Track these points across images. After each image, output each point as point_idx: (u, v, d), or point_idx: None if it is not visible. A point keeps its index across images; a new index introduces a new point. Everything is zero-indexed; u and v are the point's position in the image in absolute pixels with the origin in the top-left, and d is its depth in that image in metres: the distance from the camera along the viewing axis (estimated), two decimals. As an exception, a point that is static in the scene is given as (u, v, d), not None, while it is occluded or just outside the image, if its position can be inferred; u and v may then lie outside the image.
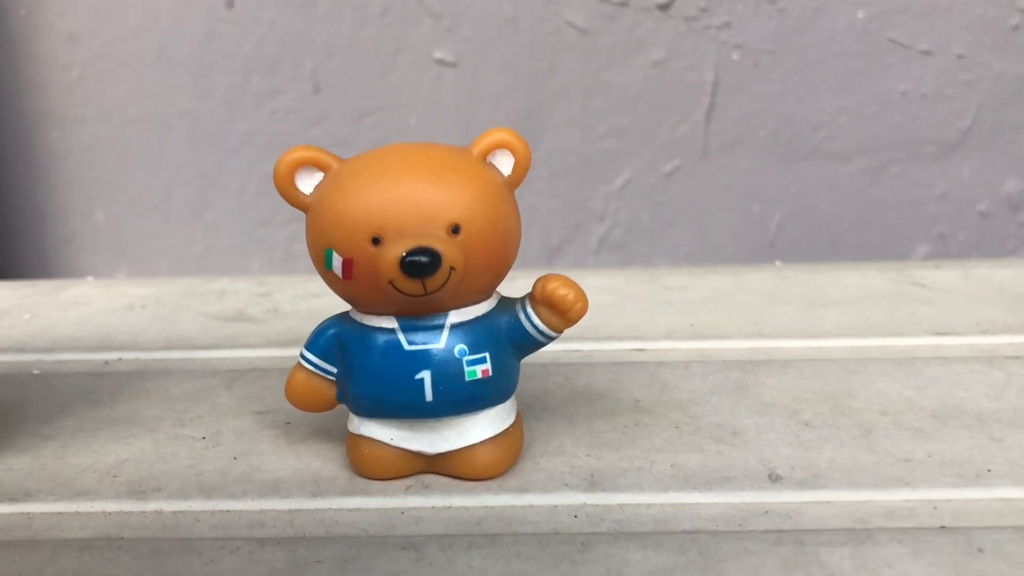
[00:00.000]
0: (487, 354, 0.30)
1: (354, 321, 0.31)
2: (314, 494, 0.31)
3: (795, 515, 0.30)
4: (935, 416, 0.35)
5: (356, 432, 0.32)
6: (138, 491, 0.31)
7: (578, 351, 0.41)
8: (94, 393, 0.38)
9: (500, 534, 0.29)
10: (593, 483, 0.31)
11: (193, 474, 0.32)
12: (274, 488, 0.32)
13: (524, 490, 0.31)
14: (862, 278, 0.48)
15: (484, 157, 0.30)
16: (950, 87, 0.60)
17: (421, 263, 0.28)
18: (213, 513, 0.30)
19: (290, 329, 0.44)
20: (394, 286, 0.28)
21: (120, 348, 0.42)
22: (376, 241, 0.28)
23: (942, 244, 0.63)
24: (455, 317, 0.30)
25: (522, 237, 0.31)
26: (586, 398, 0.37)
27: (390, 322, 0.30)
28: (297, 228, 0.63)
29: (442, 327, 0.30)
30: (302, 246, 0.63)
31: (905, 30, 0.59)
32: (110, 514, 0.30)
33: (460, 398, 0.30)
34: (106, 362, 0.41)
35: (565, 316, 0.31)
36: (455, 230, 0.29)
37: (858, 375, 0.38)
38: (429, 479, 0.32)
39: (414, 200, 0.28)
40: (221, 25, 0.60)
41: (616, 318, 0.44)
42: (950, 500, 0.30)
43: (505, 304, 0.31)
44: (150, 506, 0.31)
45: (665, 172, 0.62)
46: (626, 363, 0.40)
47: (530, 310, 0.31)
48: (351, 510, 0.30)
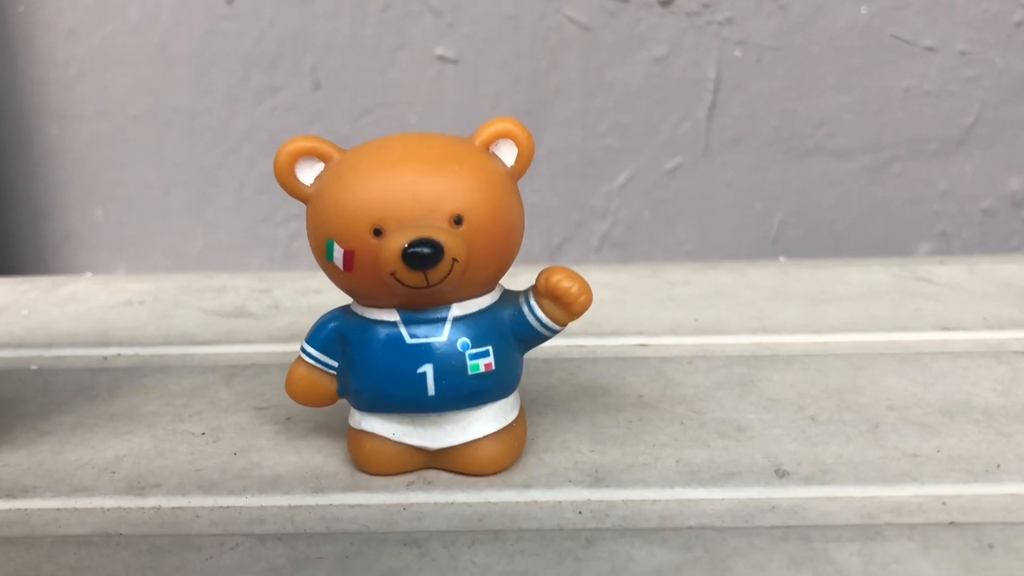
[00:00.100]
0: (490, 348, 0.30)
1: (355, 314, 0.31)
2: (315, 490, 0.31)
3: (802, 511, 0.29)
4: (942, 411, 0.35)
5: (357, 427, 0.31)
6: (137, 487, 0.31)
7: (581, 347, 0.41)
8: (92, 389, 0.38)
9: (503, 530, 0.29)
10: (597, 479, 0.31)
11: (192, 470, 0.32)
12: (274, 484, 0.31)
13: (528, 486, 0.31)
14: (866, 274, 0.48)
15: (487, 147, 0.30)
16: (953, 84, 0.60)
17: (423, 254, 0.27)
18: (212, 509, 0.30)
19: (290, 325, 0.43)
20: (396, 278, 0.28)
21: (119, 344, 0.42)
22: (378, 232, 0.28)
23: (945, 242, 0.63)
24: (457, 310, 0.30)
25: (524, 235, 0.31)
26: (590, 394, 0.37)
27: (392, 315, 0.30)
28: (297, 225, 0.63)
29: (444, 320, 0.30)
30: (302, 243, 0.62)
31: (908, 26, 0.59)
32: (108, 510, 0.30)
33: (463, 392, 0.30)
34: (104, 358, 0.41)
35: (569, 309, 0.30)
36: (457, 221, 0.28)
37: (864, 370, 0.38)
38: (431, 475, 0.31)
39: (416, 191, 0.28)
40: (221, 22, 0.60)
41: (619, 313, 0.44)
42: (959, 496, 0.30)
43: (508, 297, 0.31)
44: (149, 502, 0.30)
45: (667, 169, 0.62)
46: (629, 358, 0.39)
47: (533, 303, 0.31)
48: (352, 506, 0.30)
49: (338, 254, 0.29)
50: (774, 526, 0.28)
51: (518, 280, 0.33)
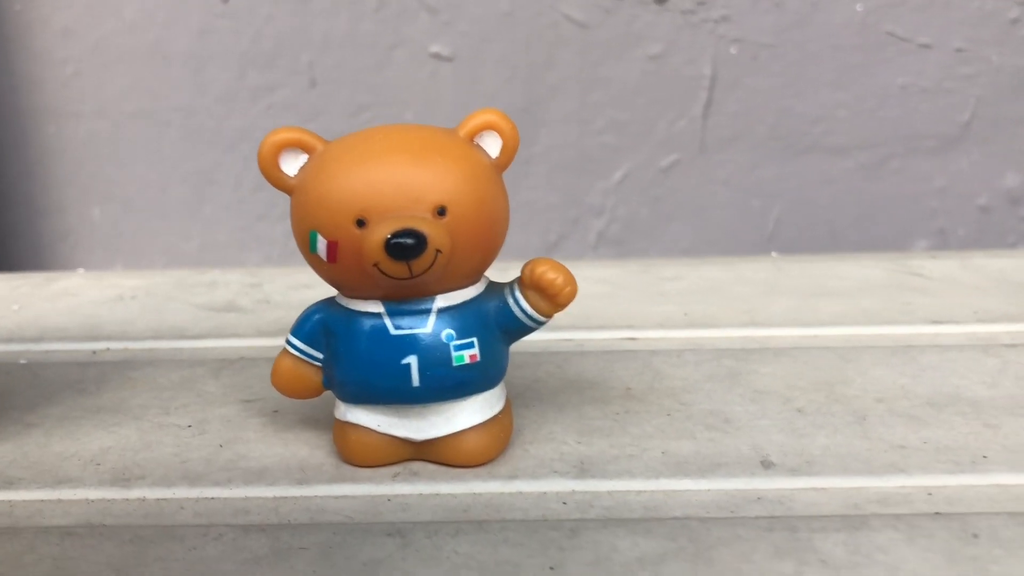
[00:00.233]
0: (475, 339, 0.30)
1: (340, 306, 0.30)
2: (300, 481, 0.31)
3: (788, 501, 0.29)
4: (930, 403, 0.34)
5: (343, 419, 0.31)
6: (121, 479, 0.31)
7: (570, 340, 0.41)
8: (80, 382, 0.38)
9: (487, 520, 0.28)
10: (583, 470, 0.31)
11: (178, 462, 0.32)
12: (259, 476, 0.31)
13: (513, 477, 0.31)
14: (859, 269, 0.48)
15: (471, 139, 0.30)
16: (949, 81, 0.60)
17: (406, 245, 0.27)
18: (197, 500, 0.30)
19: (280, 319, 0.43)
20: (379, 269, 0.28)
21: (108, 338, 0.42)
22: (361, 223, 0.28)
23: (942, 238, 0.63)
24: (442, 301, 0.30)
25: (520, 233, 0.31)
26: (577, 386, 0.36)
27: (376, 306, 0.30)
28: (293, 224, 0.63)
29: (429, 311, 0.30)
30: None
31: (904, 23, 0.59)
32: (92, 501, 0.30)
33: (447, 384, 0.30)
34: (94, 352, 0.41)
35: (554, 300, 0.30)
36: (441, 212, 0.28)
37: (853, 363, 0.38)
38: (417, 466, 0.31)
39: (399, 181, 0.28)
40: (217, 20, 0.60)
41: (609, 307, 0.44)
42: (945, 486, 0.30)
43: (493, 288, 0.31)
44: (133, 493, 0.30)
45: (663, 167, 0.62)
46: (618, 352, 0.39)
47: (519, 294, 0.30)
48: (337, 497, 0.30)
49: (321, 245, 0.29)
50: (759, 516, 0.28)
51: (511, 275, 0.33)
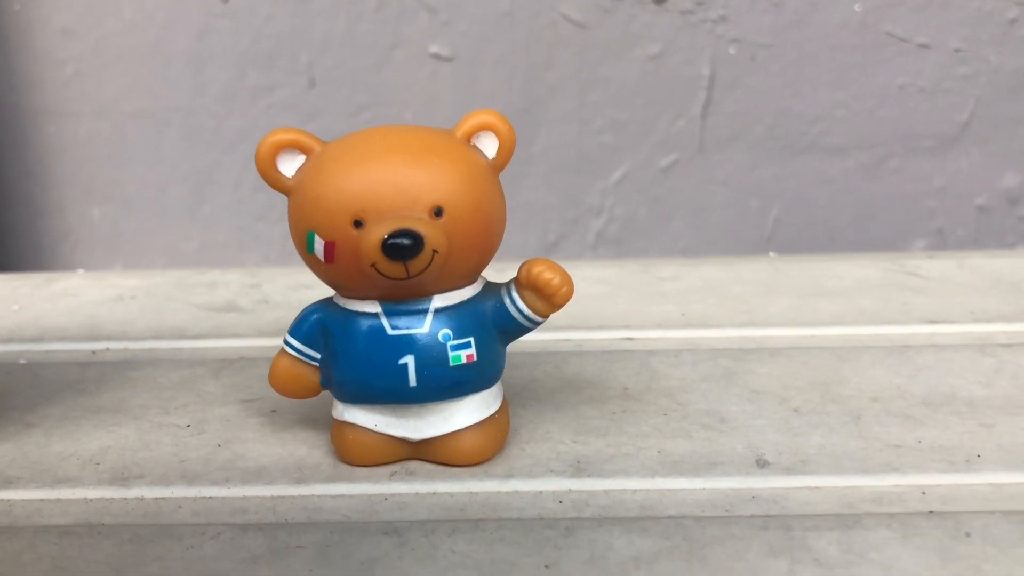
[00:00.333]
0: (472, 339, 0.30)
1: (337, 306, 0.31)
2: (297, 481, 0.31)
3: (782, 500, 0.29)
4: (926, 403, 0.35)
5: (340, 419, 0.31)
6: (120, 478, 0.31)
7: (567, 340, 0.41)
8: (80, 382, 0.38)
9: (484, 519, 0.29)
10: (579, 469, 0.31)
11: (176, 461, 0.32)
12: (257, 475, 0.31)
13: (509, 476, 0.31)
14: (856, 269, 0.48)
15: (468, 139, 0.30)
16: (948, 81, 0.60)
17: (403, 245, 0.28)
18: (195, 500, 0.30)
19: (279, 319, 0.44)
20: (376, 269, 0.28)
21: (108, 338, 0.42)
22: (358, 224, 0.28)
23: (940, 238, 0.63)
24: (439, 301, 0.30)
25: (519, 233, 0.31)
26: (574, 386, 0.37)
27: (373, 307, 0.30)
28: (292, 224, 0.63)
29: (426, 311, 0.30)
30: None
31: (902, 23, 0.59)
32: (91, 501, 0.30)
33: (444, 383, 0.30)
34: (93, 352, 0.41)
35: (550, 300, 0.30)
36: (438, 212, 0.28)
37: (849, 363, 0.38)
38: (414, 465, 0.31)
39: (396, 182, 0.28)
40: (216, 20, 0.60)
41: (607, 308, 0.44)
42: (939, 485, 0.30)
43: (490, 289, 0.31)
44: (132, 493, 0.30)
45: (662, 167, 0.62)
46: (616, 352, 0.40)
47: (515, 294, 0.31)
48: (334, 496, 0.30)
49: (319, 246, 0.29)
50: (754, 515, 0.28)
51: (509, 276, 0.33)
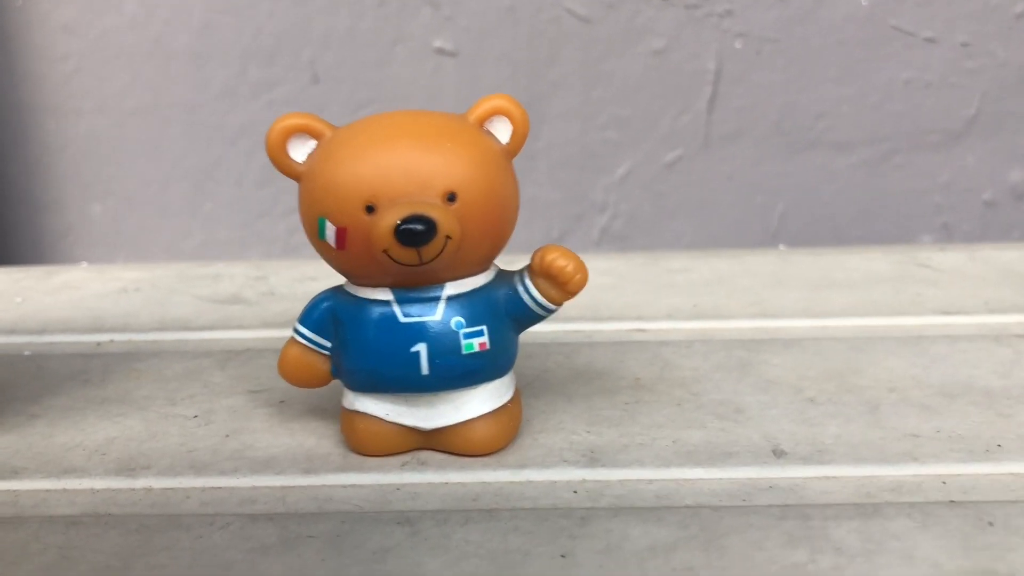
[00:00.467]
0: (484, 327, 0.30)
1: (348, 294, 0.30)
2: (307, 471, 0.30)
3: (800, 490, 0.29)
4: (943, 393, 0.34)
5: (351, 408, 0.31)
6: (127, 468, 0.31)
7: (579, 331, 0.40)
8: (85, 374, 0.38)
9: (497, 509, 0.28)
10: (593, 459, 0.31)
11: (184, 452, 0.32)
12: (266, 465, 0.31)
13: (522, 466, 0.30)
14: (866, 261, 0.48)
15: (481, 124, 0.30)
16: (954, 75, 0.60)
17: (416, 231, 0.27)
18: (203, 490, 0.30)
19: (286, 311, 0.43)
20: (388, 255, 0.28)
21: (112, 330, 0.42)
22: (370, 209, 0.28)
23: (946, 233, 0.63)
24: (452, 289, 0.29)
25: (523, 229, 0.31)
26: (586, 377, 0.36)
27: (385, 294, 0.29)
28: (296, 219, 0.63)
29: (438, 299, 0.29)
30: (301, 237, 0.62)
31: (909, 18, 0.59)
32: (98, 491, 0.30)
33: (457, 372, 0.29)
34: (98, 344, 0.41)
35: (564, 288, 0.30)
36: (451, 198, 0.28)
37: (864, 354, 0.37)
38: (425, 455, 0.31)
39: (408, 167, 0.28)
40: (218, 16, 0.60)
41: (618, 299, 0.44)
42: (959, 475, 0.29)
43: (503, 276, 0.31)
44: (139, 483, 0.30)
45: (667, 162, 0.62)
46: (627, 343, 0.39)
47: (528, 282, 0.30)
48: (345, 486, 0.30)
49: (330, 232, 0.28)
50: (772, 505, 0.28)
51: (516, 267, 0.33)
